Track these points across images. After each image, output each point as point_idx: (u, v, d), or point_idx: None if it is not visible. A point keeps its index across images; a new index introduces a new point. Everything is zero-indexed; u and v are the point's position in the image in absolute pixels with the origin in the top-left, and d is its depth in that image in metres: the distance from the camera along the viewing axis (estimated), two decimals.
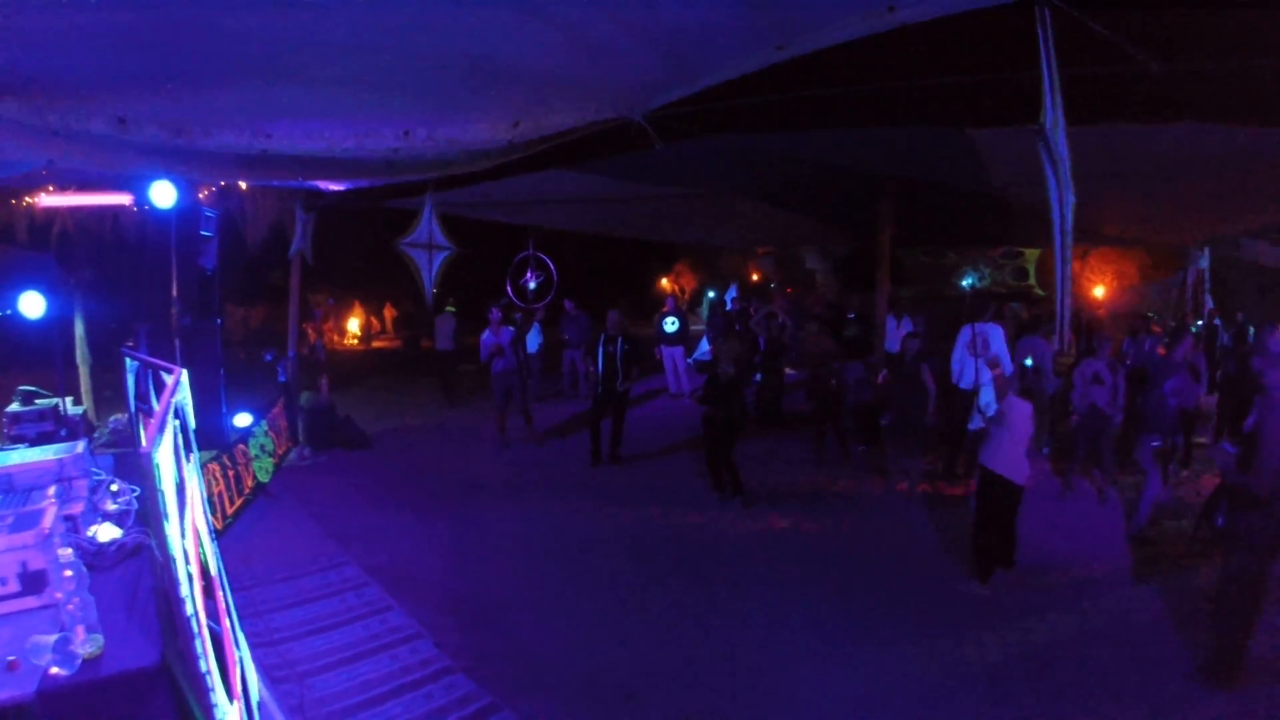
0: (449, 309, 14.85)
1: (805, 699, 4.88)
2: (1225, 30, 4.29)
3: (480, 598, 6.08)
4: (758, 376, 11.78)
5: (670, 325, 13.94)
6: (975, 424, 8.49)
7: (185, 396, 3.00)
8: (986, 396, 8.70)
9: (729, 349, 8.81)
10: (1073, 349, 11.80)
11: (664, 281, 25.56)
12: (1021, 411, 6.29)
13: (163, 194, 7.62)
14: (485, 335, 10.70)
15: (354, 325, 23.11)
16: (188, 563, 2.13)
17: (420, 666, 4.98)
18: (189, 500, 2.55)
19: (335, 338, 21.36)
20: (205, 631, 2.15)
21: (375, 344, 22.93)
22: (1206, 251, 15.14)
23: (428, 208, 9.59)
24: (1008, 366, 8.51)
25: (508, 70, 4.50)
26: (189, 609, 1.96)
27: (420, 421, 12.46)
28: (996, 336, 8.65)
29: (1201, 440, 10.27)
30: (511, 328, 10.84)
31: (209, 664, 2.06)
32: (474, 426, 11.98)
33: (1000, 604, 6.22)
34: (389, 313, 24.72)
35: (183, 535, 2.17)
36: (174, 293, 8.11)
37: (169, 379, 2.95)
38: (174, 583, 1.94)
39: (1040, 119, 3.56)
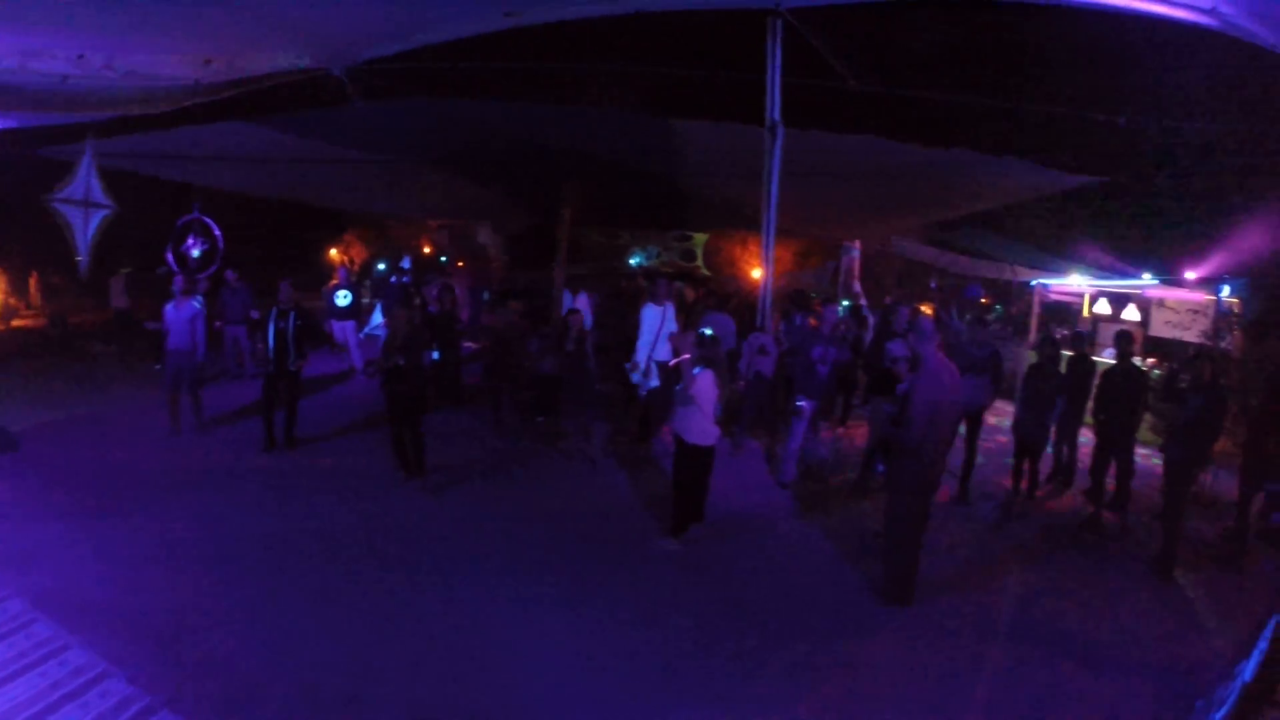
0: (124, 270, 13.32)
1: (529, 671, 4.89)
2: (913, 60, 4.89)
3: (168, 617, 5.33)
4: (435, 354, 11.36)
5: (343, 298, 13.42)
6: (650, 385, 9.23)
7: None
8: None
9: (400, 322, 8.51)
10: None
11: (333, 252, 24.29)
12: (704, 380, 6.70)
13: None
14: (168, 309, 9.44)
15: None
16: None
17: (116, 711, 4.28)
18: None
19: None
20: None
21: (15, 323, 19.29)
22: (857, 243, 17.28)
23: (87, 157, 8.14)
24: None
25: None
26: None
27: (70, 413, 10.71)
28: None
29: (854, 403, 11.86)
30: (197, 300, 9.64)
31: None
32: (130, 415, 10.58)
33: (696, 556, 6.70)
34: (34, 285, 20.92)
35: None
36: None
37: None
38: None
39: (767, 115, 3.80)
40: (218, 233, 12.21)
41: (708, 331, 7.20)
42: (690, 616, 5.68)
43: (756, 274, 21.65)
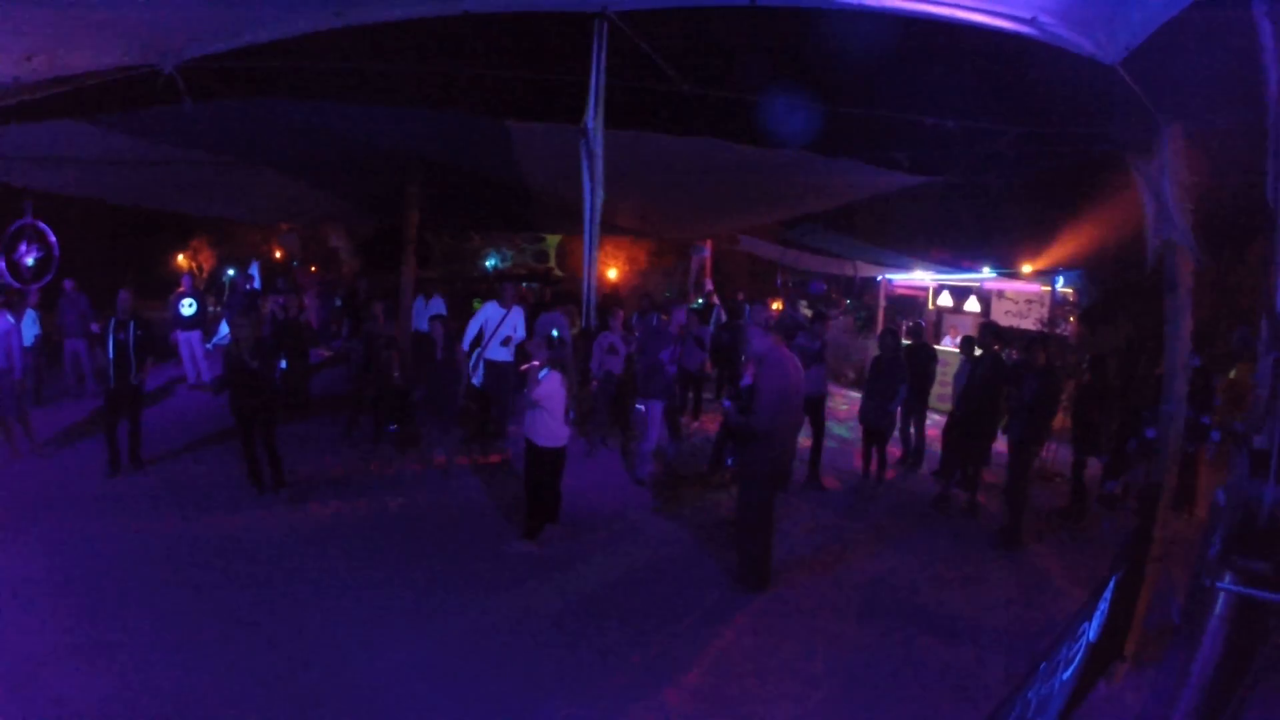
0: None
1: (390, 686, 4.80)
2: (742, 63, 5.05)
3: (16, 658, 4.92)
4: (283, 363, 10.84)
5: (188, 307, 12.84)
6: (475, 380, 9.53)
7: None
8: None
9: (244, 329, 8.20)
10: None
11: (180, 259, 23.15)
12: (551, 382, 6.71)
13: None
14: None
15: None
16: None
17: None
18: None
19: None
20: None
21: None
22: (709, 242, 17.75)
23: None
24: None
25: None
26: None
27: None
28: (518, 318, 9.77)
29: (707, 397, 12.20)
30: (7, 315, 8.96)
31: None
32: None
33: (553, 557, 6.74)
34: None
35: None
36: None
37: None
38: None
39: (583, 119, 3.84)
40: (53, 239, 11.28)
41: (555, 333, 7.20)
42: (549, 617, 5.71)
43: (612, 274, 22.12)
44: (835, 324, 15.20)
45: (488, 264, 23.16)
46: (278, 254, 23.55)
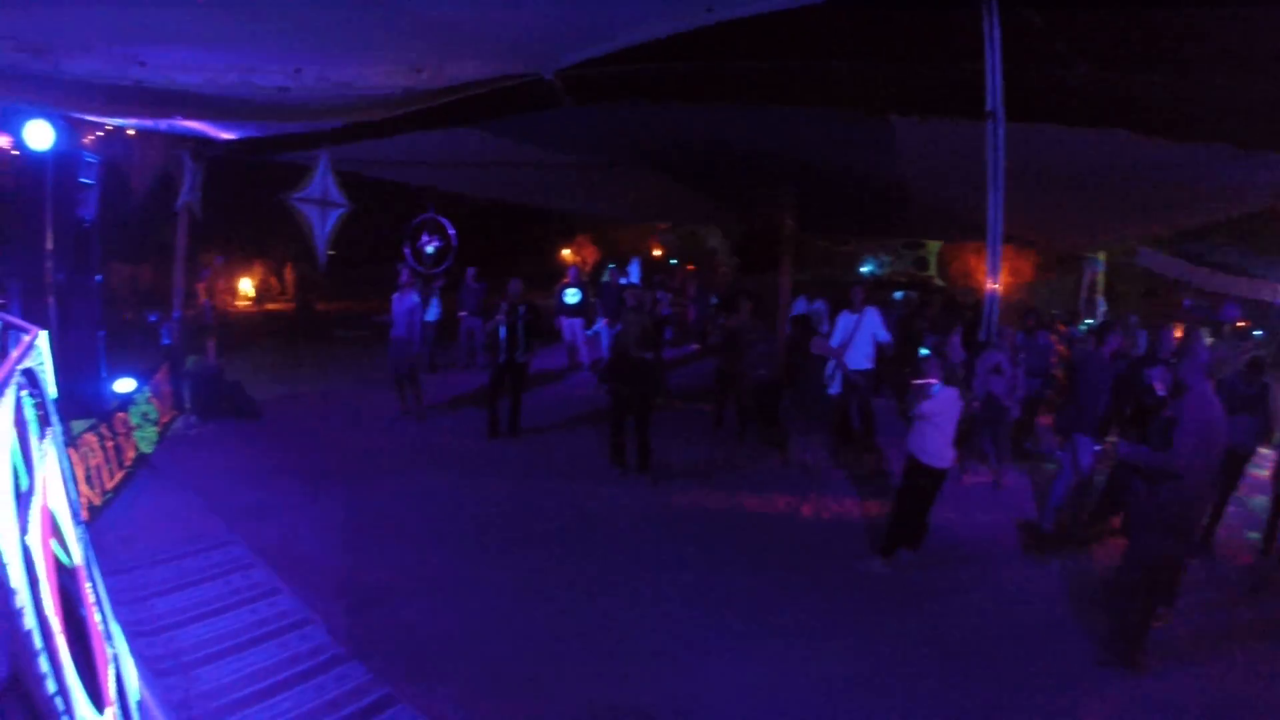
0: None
1: (709, 681, 4.76)
2: (1157, 45, 4.32)
3: (372, 579, 5.73)
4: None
5: (571, 296, 13.82)
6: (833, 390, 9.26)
7: (40, 362, 2.58)
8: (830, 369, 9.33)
9: (633, 321, 8.61)
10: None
11: (565, 252, 25.26)
12: (946, 397, 6.25)
13: (38, 135, 6.87)
14: (394, 299, 10.26)
15: (247, 286, 21.93)
16: (31, 562, 1.80)
17: (311, 655, 4.60)
18: (39, 483, 2.18)
19: (226, 299, 20.24)
20: (58, 642, 1.83)
21: (268, 306, 21.83)
22: (1102, 255, 15.82)
23: (323, 161, 9.01)
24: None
25: (412, 8, 4.14)
26: (27, 622, 1.62)
27: (311, 390, 11.94)
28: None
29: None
30: (414, 293, 10.30)
31: (58, 682, 1.73)
32: (365, 396, 11.49)
33: (903, 584, 6.25)
34: (290, 273, 23.59)
35: (23, 530, 1.82)
36: (48, 246, 7.28)
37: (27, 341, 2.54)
38: (7, 591, 1.60)
39: (987, 104, 3.53)
40: (452, 231, 13.15)
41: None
42: (887, 650, 5.28)
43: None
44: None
45: (864, 269, 22.71)
46: (656, 252, 25.05)
